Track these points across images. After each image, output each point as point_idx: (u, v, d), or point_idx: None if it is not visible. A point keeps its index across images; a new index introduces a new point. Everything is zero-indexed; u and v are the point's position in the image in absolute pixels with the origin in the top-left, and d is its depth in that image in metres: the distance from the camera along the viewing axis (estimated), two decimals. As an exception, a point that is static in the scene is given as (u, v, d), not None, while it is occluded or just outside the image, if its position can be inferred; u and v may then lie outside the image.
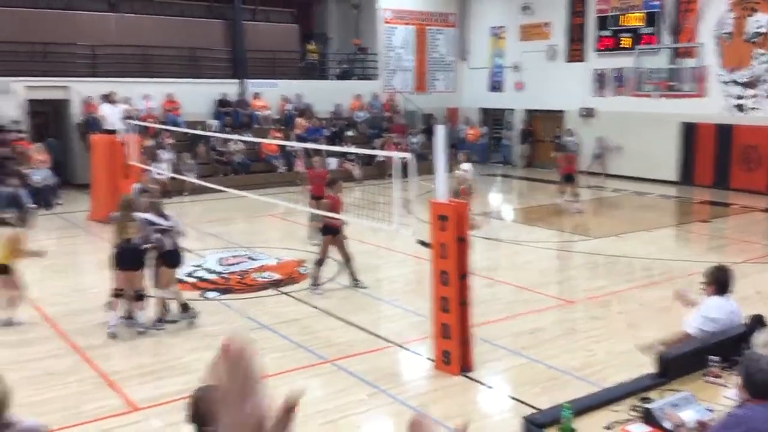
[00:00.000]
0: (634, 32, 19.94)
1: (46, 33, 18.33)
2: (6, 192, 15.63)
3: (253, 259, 11.12)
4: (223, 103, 20.54)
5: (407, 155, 7.24)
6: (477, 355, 6.71)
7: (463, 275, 6.48)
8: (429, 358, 6.91)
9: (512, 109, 23.64)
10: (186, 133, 17.10)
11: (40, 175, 16.02)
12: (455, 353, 6.47)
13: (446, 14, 24.78)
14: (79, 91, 18.29)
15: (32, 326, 8.01)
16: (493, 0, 23.96)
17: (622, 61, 20.15)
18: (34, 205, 15.47)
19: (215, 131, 18.56)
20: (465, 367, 6.51)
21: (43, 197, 15.76)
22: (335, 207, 9.21)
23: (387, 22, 23.77)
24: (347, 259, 9.46)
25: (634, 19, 19.94)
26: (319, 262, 9.38)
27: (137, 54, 19.58)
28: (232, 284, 9.82)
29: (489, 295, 8.97)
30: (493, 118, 24.42)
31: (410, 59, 24.27)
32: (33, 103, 18.03)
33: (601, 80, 20.94)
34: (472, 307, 6.66)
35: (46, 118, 19.01)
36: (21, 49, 17.78)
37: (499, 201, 18.14)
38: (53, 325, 8.09)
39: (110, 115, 14.84)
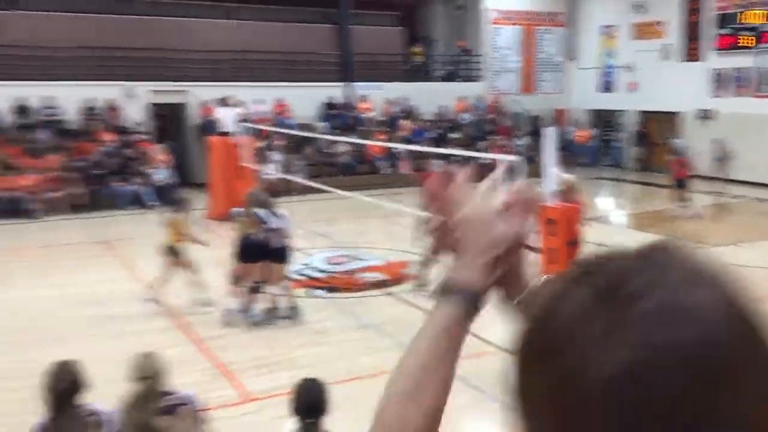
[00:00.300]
0: (755, 30, 18.82)
1: (167, 40, 19.38)
2: (130, 190, 16.68)
3: (359, 259, 11.33)
4: (330, 105, 21.04)
5: (515, 158, 7.19)
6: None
7: (573, 281, 6.36)
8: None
9: (624, 111, 22.86)
10: (295, 135, 17.63)
11: (161, 174, 16.96)
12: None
13: (555, 14, 24.27)
14: (197, 95, 19.24)
15: (155, 317, 8.52)
16: (605, -2, 23.28)
17: (743, 61, 19.07)
18: (155, 203, 16.43)
19: (322, 133, 19.03)
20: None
21: (164, 196, 16.67)
22: None
23: (493, 23, 23.57)
24: None
25: (756, 17, 18.82)
26: (426, 263, 9.44)
27: (251, 59, 20.38)
28: (338, 283, 10.05)
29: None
30: (604, 120, 23.70)
31: (516, 60, 23.94)
32: (155, 106, 19.13)
33: (719, 80, 19.91)
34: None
35: (166, 120, 20.10)
36: (145, 56, 18.89)
37: (609, 205, 17.60)
38: (174, 316, 8.56)
39: (225, 117, 15.54)
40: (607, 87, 23.50)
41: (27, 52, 17.89)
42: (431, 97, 22.16)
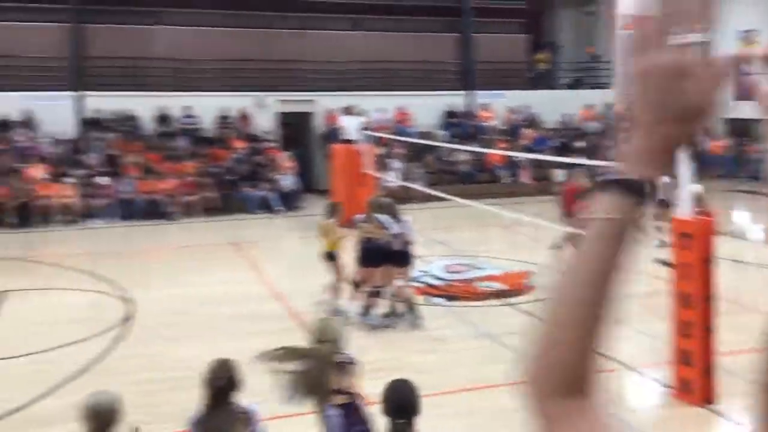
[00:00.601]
0: None
1: (296, 52, 20.11)
2: (259, 195, 17.45)
3: (478, 268, 11.25)
4: (450, 114, 21.07)
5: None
6: (721, 387, 6.17)
7: (708, 298, 6.01)
8: (666, 385, 6.49)
9: (763, 120, 21.33)
10: (415, 144, 17.78)
11: (287, 180, 17.62)
12: (697, 382, 6.01)
13: (689, 17, 23.09)
14: (323, 104, 19.84)
15: (279, 318, 8.84)
16: (744, 1, 21.86)
17: None
18: (281, 208, 17.10)
19: (443, 141, 19.08)
20: (707, 399, 6.03)
21: (289, 201, 17.32)
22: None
23: (624, 28, 22.73)
24: None
25: None
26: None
27: (375, 69, 20.79)
28: (457, 291, 10.02)
29: (736, 323, 8.19)
30: (740, 130, 22.22)
31: (646, 66, 22.97)
32: (283, 115, 19.91)
33: None
34: (716, 333, 6.15)
35: (293, 129, 20.85)
36: (275, 67, 19.72)
37: (743, 219, 16.49)
38: (297, 318, 8.85)
39: (349, 126, 15.90)
40: (744, 95, 22.02)
41: (169, 65, 19.19)
42: (555, 105, 21.68)
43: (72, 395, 6.38)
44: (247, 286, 10.36)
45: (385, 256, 8.31)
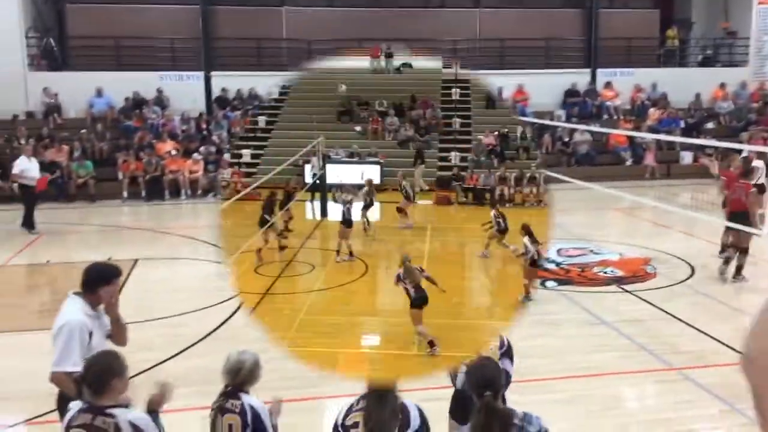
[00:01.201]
0: None
1: (414, 29, 20.04)
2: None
3: (594, 253, 10.86)
4: (570, 93, 20.35)
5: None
6: None
7: None
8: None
9: None
10: (532, 124, 17.33)
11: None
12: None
13: (843, -13, 21.03)
14: (440, 82, 19.70)
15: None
16: None
17: None
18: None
19: (562, 121, 18.48)
20: None
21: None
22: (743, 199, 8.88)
23: (761, 3, 21.06)
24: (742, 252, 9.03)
25: None
26: (743, 251, 9.07)
27: (495, 47, 20.40)
28: (571, 276, 9.73)
29: None
30: None
31: (789, 43, 21.19)
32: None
33: None
34: None
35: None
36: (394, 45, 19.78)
37: None
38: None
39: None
40: None
41: (291, 45, 19.63)
42: (685, 83, 20.47)
43: (195, 359, 6.76)
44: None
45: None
